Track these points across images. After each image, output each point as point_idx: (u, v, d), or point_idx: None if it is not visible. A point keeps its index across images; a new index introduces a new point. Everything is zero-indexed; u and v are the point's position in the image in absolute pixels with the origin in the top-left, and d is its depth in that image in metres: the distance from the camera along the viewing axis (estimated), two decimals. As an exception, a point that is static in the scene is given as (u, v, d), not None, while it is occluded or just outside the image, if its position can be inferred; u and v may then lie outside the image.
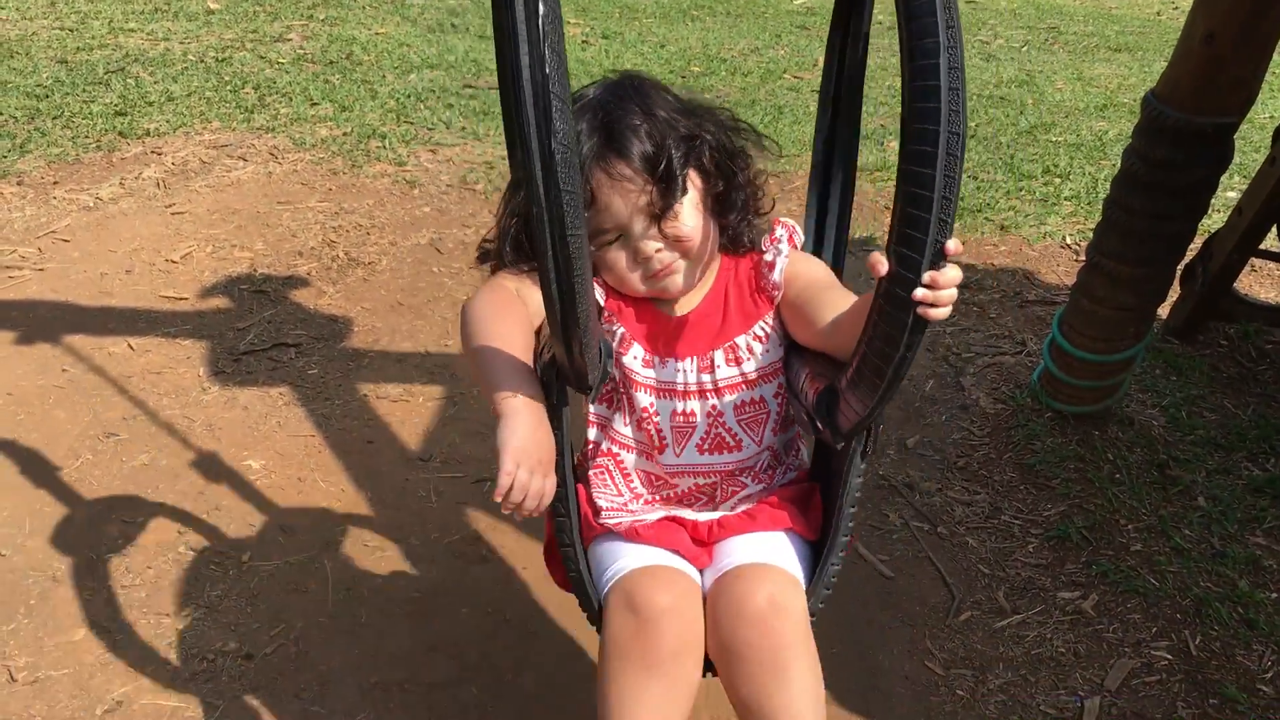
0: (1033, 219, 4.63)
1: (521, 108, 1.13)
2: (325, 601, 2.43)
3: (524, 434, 1.40)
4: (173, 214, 4.36)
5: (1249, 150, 5.61)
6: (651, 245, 1.59)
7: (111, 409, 3.07)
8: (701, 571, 1.68)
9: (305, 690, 2.21)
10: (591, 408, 1.75)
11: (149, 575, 2.48)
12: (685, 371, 1.69)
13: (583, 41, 7.57)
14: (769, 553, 1.65)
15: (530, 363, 1.51)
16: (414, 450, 2.95)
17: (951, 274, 1.22)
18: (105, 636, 2.31)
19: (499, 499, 1.38)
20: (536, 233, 1.21)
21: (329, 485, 2.80)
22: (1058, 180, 5.14)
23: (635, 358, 1.68)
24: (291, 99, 5.89)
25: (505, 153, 1.76)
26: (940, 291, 1.22)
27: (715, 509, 1.79)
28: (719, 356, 1.68)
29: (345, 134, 5.37)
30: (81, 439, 2.94)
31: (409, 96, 6.03)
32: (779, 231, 1.72)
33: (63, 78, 5.99)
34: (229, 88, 6.04)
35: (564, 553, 1.65)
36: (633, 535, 1.68)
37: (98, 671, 2.23)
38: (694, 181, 1.61)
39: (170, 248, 4.06)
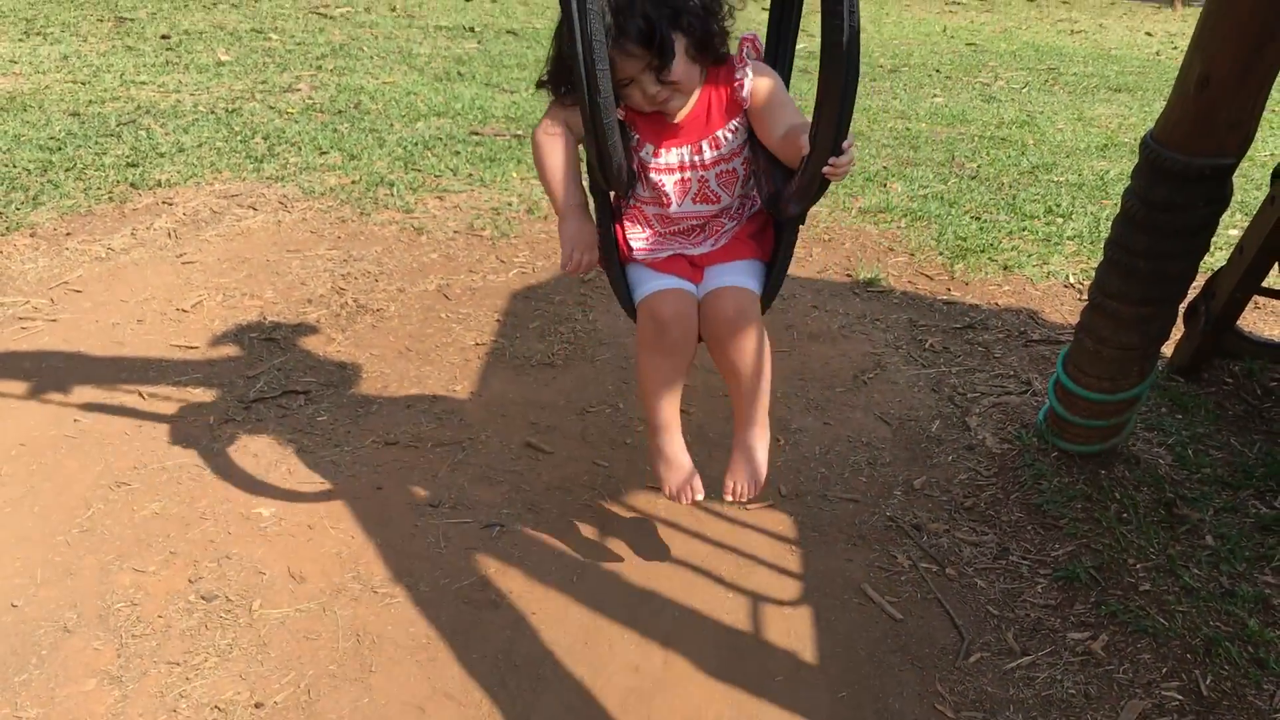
0: (1035, 259, 4.66)
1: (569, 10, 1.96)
2: (335, 649, 2.44)
3: (574, 226, 2.41)
4: (184, 263, 4.40)
5: (1250, 188, 5.65)
6: (653, 88, 2.27)
7: (123, 458, 3.09)
8: (696, 286, 2.50)
9: (315, 738, 2.21)
10: None
11: (159, 624, 2.49)
12: (681, 155, 2.41)
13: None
14: (737, 276, 2.47)
15: (577, 174, 2.42)
16: (423, 496, 2.97)
17: (847, 158, 2.04)
18: (116, 686, 2.31)
19: (564, 269, 2.43)
20: (578, 77, 2.02)
21: (339, 532, 2.82)
22: (1060, 220, 5.17)
23: (648, 151, 2.41)
24: (300, 148, 5.97)
25: (509, 199, 2.28)
26: (839, 168, 2.05)
27: (705, 240, 2.54)
28: (705, 145, 2.40)
29: (354, 182, 5.44)
30: (93, 488, 2.96)
31: (416, 144, 6.10)
32: (745, 49, 2.37)
33: (75, 130, 6.08)
34: (239, 138, 6.12)
35: (612, 284, 2.54)
36: (653, 265, 2.52)
37: (109, 721, 2.23)
38: (680, 41, 2.23)
39: (181, 297, 4.10)
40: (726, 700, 2.32)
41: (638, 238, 2.55)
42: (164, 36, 9.14)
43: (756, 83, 2.35)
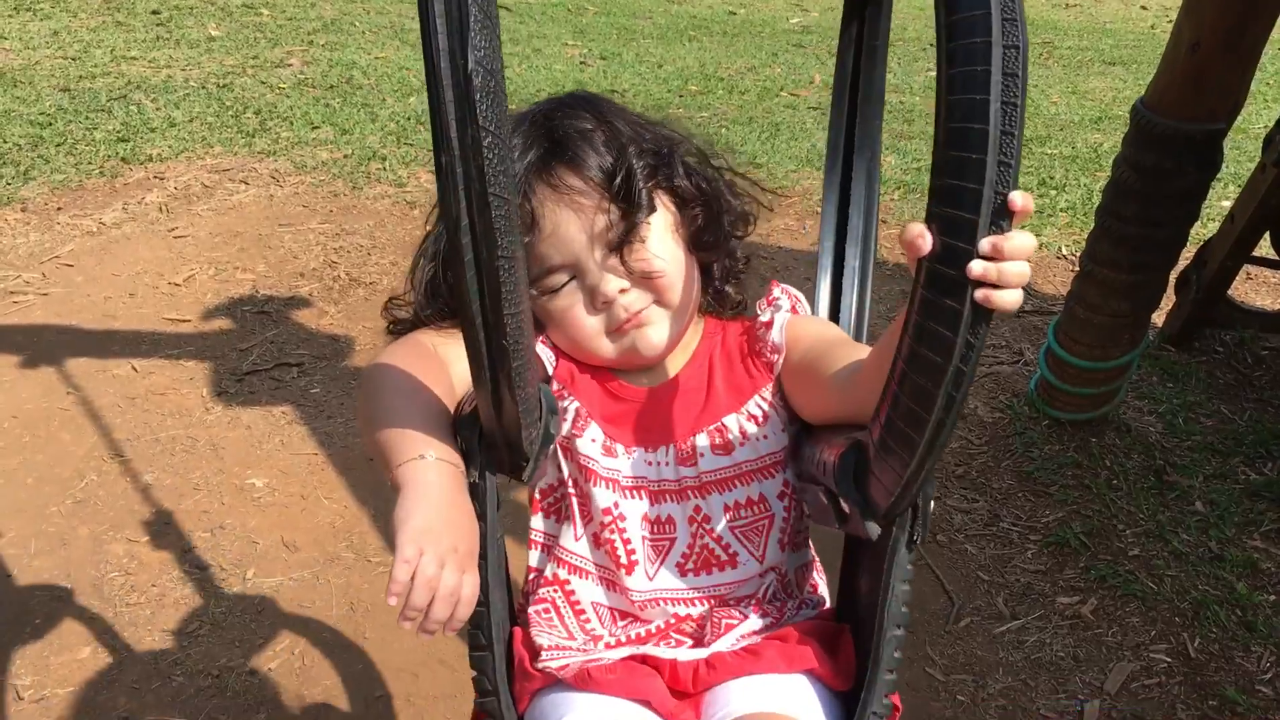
0: (1029, 230, 4.65)
1: (438, 85, 0.86)
2: (329, 616, 2.45)
3: (432, 511, 1.00)
4: (175, 238, 4.39)
5: (1243, 160, 5.65)
6: (614, 283, 1.23)
7: (116, 430, 3.09)
8: None
9: (310, 704, 2.22)
10: (531, 522, 1.35)
11: (153, 593, 2.50)
12: (660, 464, 1.29)
13: (581, 63, 7.63)
14: (780, 702, 1.18)
15: (445, 424, 1.12)
16: (416, 466, 2.97)
17: (1020, 241, 0.85)
18: (111, 654, 2.33)
19: (393, 599, 0.96)
20: (452, 246, 0.90)
21: (332, 502, 2.83)
22: (1053, 192, 5.17)
23: (593, 442, 1.27)
24: (292, 123, 5.94)
25: None
26: (1006, 264, 0.85)
27: (701, 637, 1.31)
28: (702, 441, 1.28)
29: (346, 156, 5.42)
30: (86, 460, 2.96)
31: (409, 119, 6.08)
32: (776, 292, 1.35)
33: (65, 106, 6.05)
34: (230, 113, 6.09)
35: (485, 707, 1.18)
36: (583, 682, 1.20)
37: (103, 689, 2.25)
38: (664, 203, 1.28)
39: (173, 271, 4.10)
40: (718, 665, 2.33)
41: (556, 639, 1.30)
42: (154, 12, 9.09)
43: (797, 323, 1.33)
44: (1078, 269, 2.96)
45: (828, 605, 1.39)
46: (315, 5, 9.94)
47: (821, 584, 1.43)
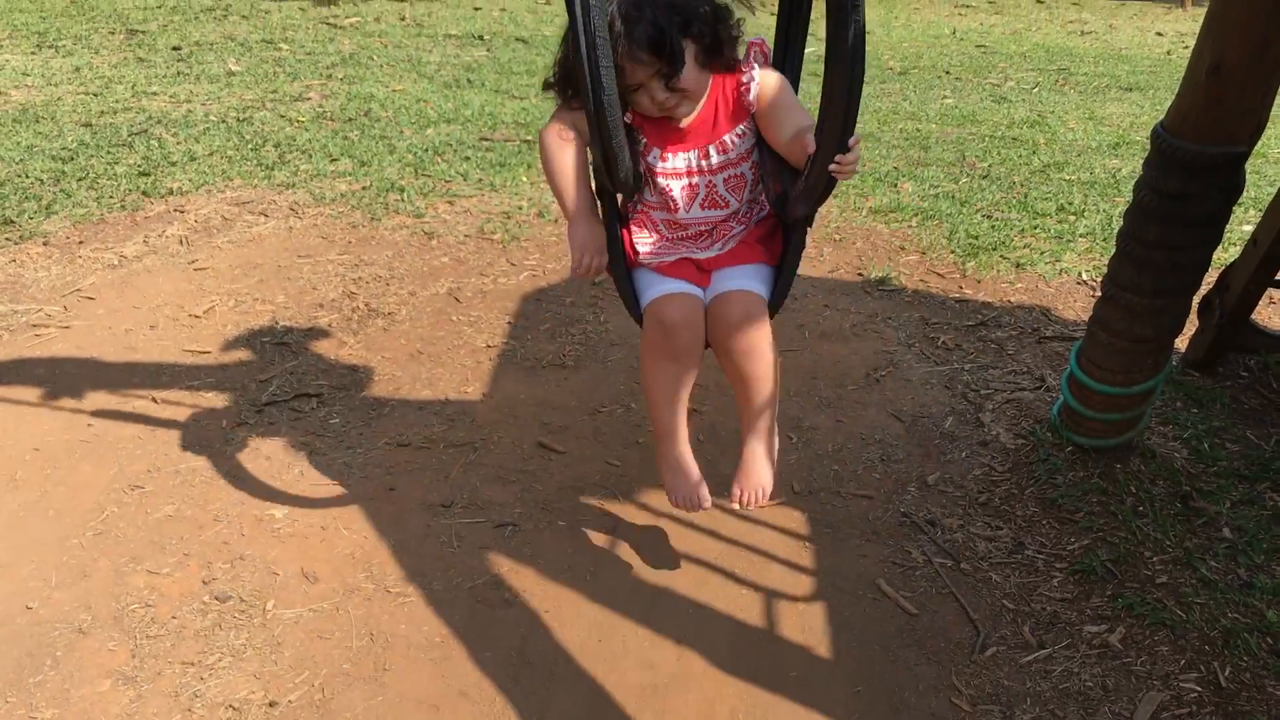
0: (1048, 256, 4.64)
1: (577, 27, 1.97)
2: (349, 648, 2.44)
3: (583, 230, 2.40)
4: (195, 270, 4.42)
5: (1264, 184, 5.62)
6: (662, 94, 2.27)
7: (136, 462, 3.10)
8: (704, 290, 2.47)
9: (330, 737, 2.21)
10: None
11: (173, 625, 2.49)
12: (689, 160, 2.41)
13: None
14: (744, 279, 2.44)
15: (585, 178, 2.41)
16: (435, 497, 2.96)
17: (853, 155, 2.05)
18: (131, 687, 2.32)
19: (573, 271, 2.42)
20: (583, 81, 2.03)
21: (351, 533, 2.82)
22: (1072, 217, 5.15)
23: (655, 156, 2.41)
24: (311, 155, 5.99)
25: (519, 203, 2.40)
26: (846, 166, 2.06)
27: (713, 245, 2.51)
28: (712, 149, 2.40)
29: (364, 188, 5.45)
30: (107, 492, 2.96)
31: (426, 151, 6.12)
32: (753, 53, 2.38)
33: (87, 140, 6.11)
34: (250, 146, 6.14)
35: (619, 288, 2.50)
36: (660, 269, 2.49)
37: (124, 721, 2.24)
38: (689, 49, 2.24)
39: (193, 303, 4.12)
40: (740, 696, 2.31)
41: (645, 242, 2.53)
42: (175, 48, 9.20)
43: (763, 85, 2.35)
44: (1099, 294, 2.94)
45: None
46: (333, 40, 10.04)
47: (771, 193, 2.49)
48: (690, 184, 2.43)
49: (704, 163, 2.41)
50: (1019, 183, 5.78)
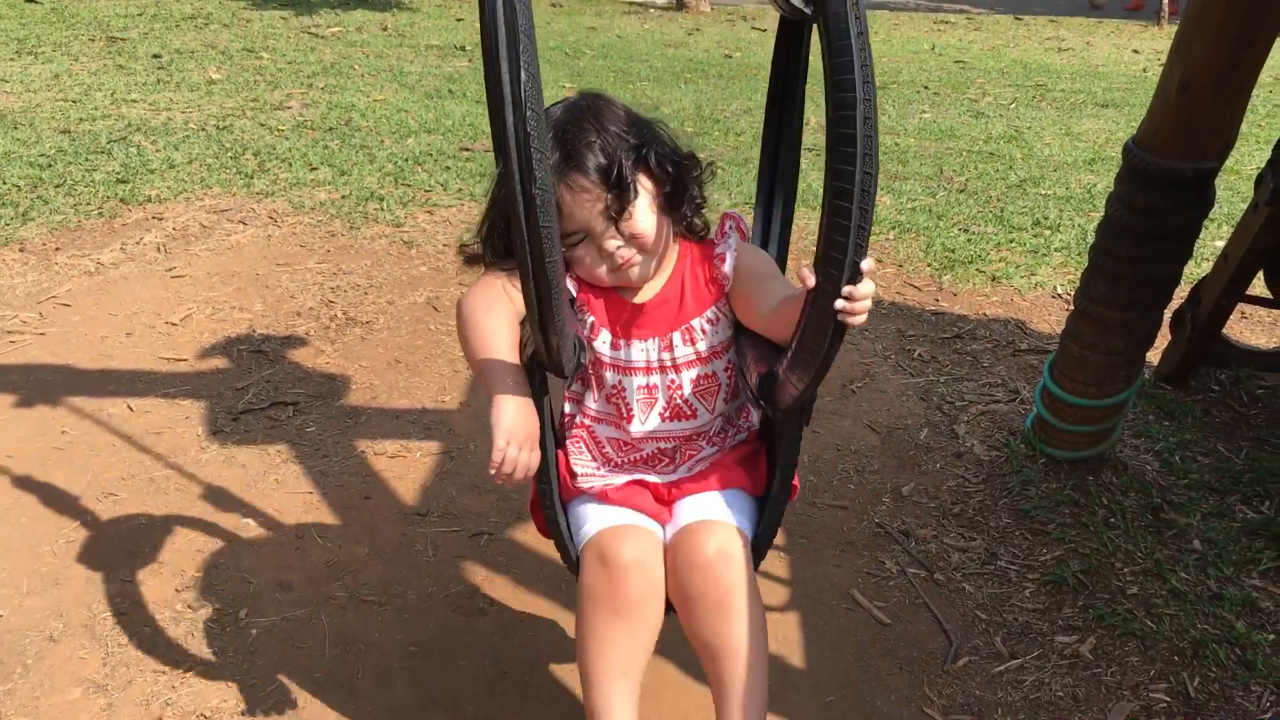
0: (1024, 270, 4.68)
1: (509, 156, 1.38)
2: (322, 657, 2.43)
3: (512, 415, 1.68)
4: (173, 277, 4.41)
5: (1236, 201, 5.68)
6: (612, 243, 1.79)
7: (110, 469, 3.08)
8: (663, 526, 1.91)
9: (302, 745, 2.20)
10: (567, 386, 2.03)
11: (145, 634, 2.48)
12: (648, 351, 1.91)
13: (578, 105, 7.68)
14: (718, 509, 1.88)
15: (517, 353, 1.76)
16: (411, 505, 2.96)
17: (865, 289, 1.46)
18: (101, 695, 2.30)
19: (493, 471, 1.65)
20: (520, 254, 1.46)
21: (326, 541, 2.81)
22: (1048, 232, 5.20)
23: (604, 342, 1.91)
24: (291, 164, 5.98)
25: None
26: (856, 303, 1.46)
27: (675, 470, 1.99)
28: (677, 337, 1.90)
29: (344, 197, 5.45)
30: (80, 499, 2.95)
31: (407, 160, 6.12)
32: (728, 225, 1.93)
33: (65, 147, 6.08)
34: (229, 154, 6.13)
35: (546, 514, 1.90)
36: (604, 497, 1.92)
37: (94, 730, 2.22)
38: (644, 185, 1.79)
39: (170, 310, 4.11)
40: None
41: (585, 465, 1.98)
42: (155, 55, 9.17)
43: (743, 253, 1.89)
44: (1073, 307, 2.97)
45: (755, 427, 2.06)
46: (315, 49, 10.04)
47: (753, 413, 2.06)
48: (647, 385, 1.92)
49: (666, 355, 1.90)
50: (995, 197, 5.83)
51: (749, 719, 1.81)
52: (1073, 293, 4.35)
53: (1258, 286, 3.46)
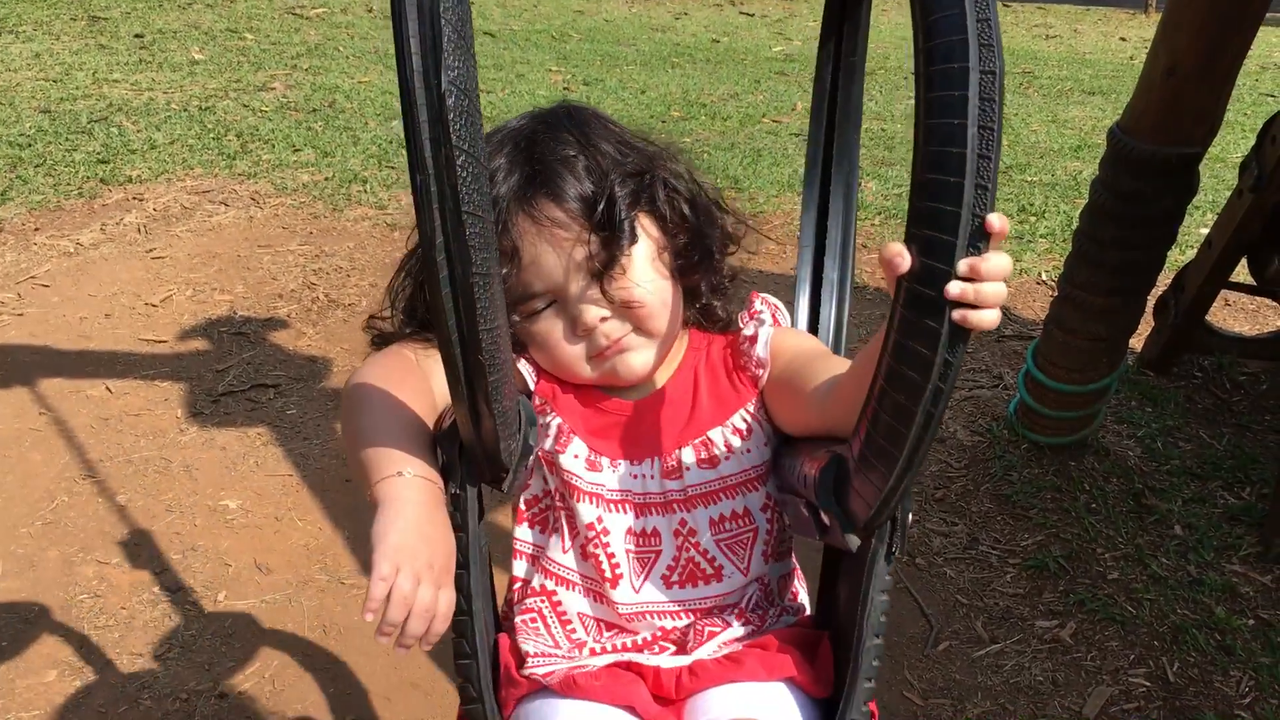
0: (1008, 253, 4.67)
1: (412, 105, 0.85)
2: (301, 640, 2.42)
3: (409, 526, 1.00)
4: (153, 259, 4.37)
5: (1221, 188, 5.69)
6: (594, 312, 1.21)
7: (89, 451, 3.06)
8: None
9: (280, 728, 2.19)
10: (516, 532, 1.33)
11: (123, 616, 2.47)
12: (644, 477, 1.27)
13: (564, 88, 7.66)
14: (760, 709, 1.19)
15: (425, 441, 1.11)
16: (392, 488, 2.94)
17: (997, 262, 0.86)
18: (78, 677, 2.29)
19: (369, 615, 0.94)
20: (427, 262, 0.89)
21: (306, 524, 2.80)
22: (1033, 219, 5.20)
23: (577, 457, 1.26)
24: (274, 145, 5.94)
25: None
26: (983, 285, 0.86)
27: (688, 648, 1.30)
28: (688, 455, 1.27)
29: (327, 179, 5.41)
30: (58, 481, 2.92)
31: (390, 142, 6.08)
32: (757, 304, 1.35)
33: (45, 127, 6.02)
34: (212, 135, 6.08)
35: (471, 714, 1.15)
36: (569, 688, 1.22)
37: (70, 713, 2.21)
38: (646, 229, 1.24)
39: (150, 291, 4.07)
40: (695, 689, 2.31)
41: (542, 646, 1.31)
42: (137, 35, 9.09)
43: (782, 335, 1.32)
44: (1056, 293, 2.97)
45: (808, 612, 1.39)
46: (299, 30, 9.97)
47: (802, 591, 1.42)
48: (644, 529, 1.30)
49: (673, 483, 1.28)
50: (982, 183, 5.82)
51: None
52: (1057, 279, 4.36)
53: (1241, 273, 3.46)
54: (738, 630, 1.29)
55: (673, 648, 1.31)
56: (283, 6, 11.41)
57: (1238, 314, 4.21)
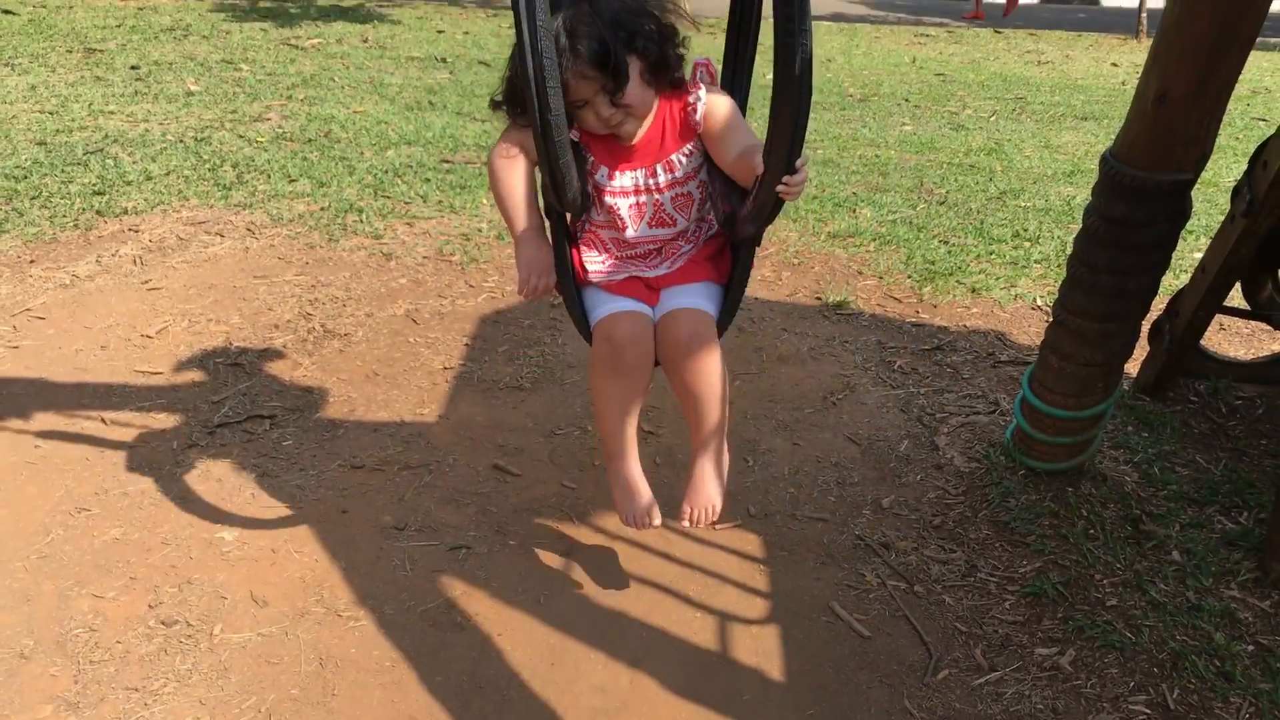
0: (1003, 281, 4.69)
1: (522, 42, 1.95)
2: (297, 673, 2.40)
3: (531, 250, 2.40)
4: (149, 290, 4.37)
5: (1214, 213, 5.72)
6: (607, 111, 2.28)
7: (84, 484, 3.05)
8: (652, 309, 2.48)
9: (276, 763, 2.17)
10: None
11: (118, 650, 2.45)
12: (638, 178, 2.43)
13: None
14: (693, 298, 2.45)
15: (533, 200, 2.41)
16: (389, 519, 2.94)
17: (800, 176, 2.08)
18: (73, 713, 2.27)
19: (521, 293, 2.41)
20: (530, 99, 2.00)
21: (302, 556, 2.78)
22: (1027, 244, 5.22)
23: (603, 174, 2.43)
24: (270, 176, 5.95)
25: (479, 225, 2.25)
26: (793, 187, 2.08)
27: (661, 262, 2.53)
28: (659, 168, 2.42)
29: (322, 209, 5.42)
30: (53, 514, 2.91)
31: (386, 172, 6.10)
32: (699, 74, 2.43)
33: (41, 159, 6.04)
34: (207, 166, 6.10)
35: (568, 307, 2.50)
36: (608, 288, 2.49)
37: (64, 749, 2.19)
38: (634, 64, 2.25)
39: (146, 323, 4.07)
40: (693, 719, 2.30)
41: (594, 261, 2.53)
42: (133, 67, 9.13)
43: (710, 105, 2.36)
44: (1051, 319, 2.97)
45: (717, 228, 2.56)
46: (294, 61, 10.01)
47: (716, 223, 2.55)
48: (638, 203, 2.45)
49: (651, 181, 2.43)
50: (976, 209, 5.84)
51: (716, 438, 2.54)
52: (1052, 304, 4.36)
53: (1235, 298, 3.47)
54: (686, 249, 2.53)
55: (655, 256, 2.53)
56: (278, 38, 11.47)
57: (1232, 338, 4.22)
